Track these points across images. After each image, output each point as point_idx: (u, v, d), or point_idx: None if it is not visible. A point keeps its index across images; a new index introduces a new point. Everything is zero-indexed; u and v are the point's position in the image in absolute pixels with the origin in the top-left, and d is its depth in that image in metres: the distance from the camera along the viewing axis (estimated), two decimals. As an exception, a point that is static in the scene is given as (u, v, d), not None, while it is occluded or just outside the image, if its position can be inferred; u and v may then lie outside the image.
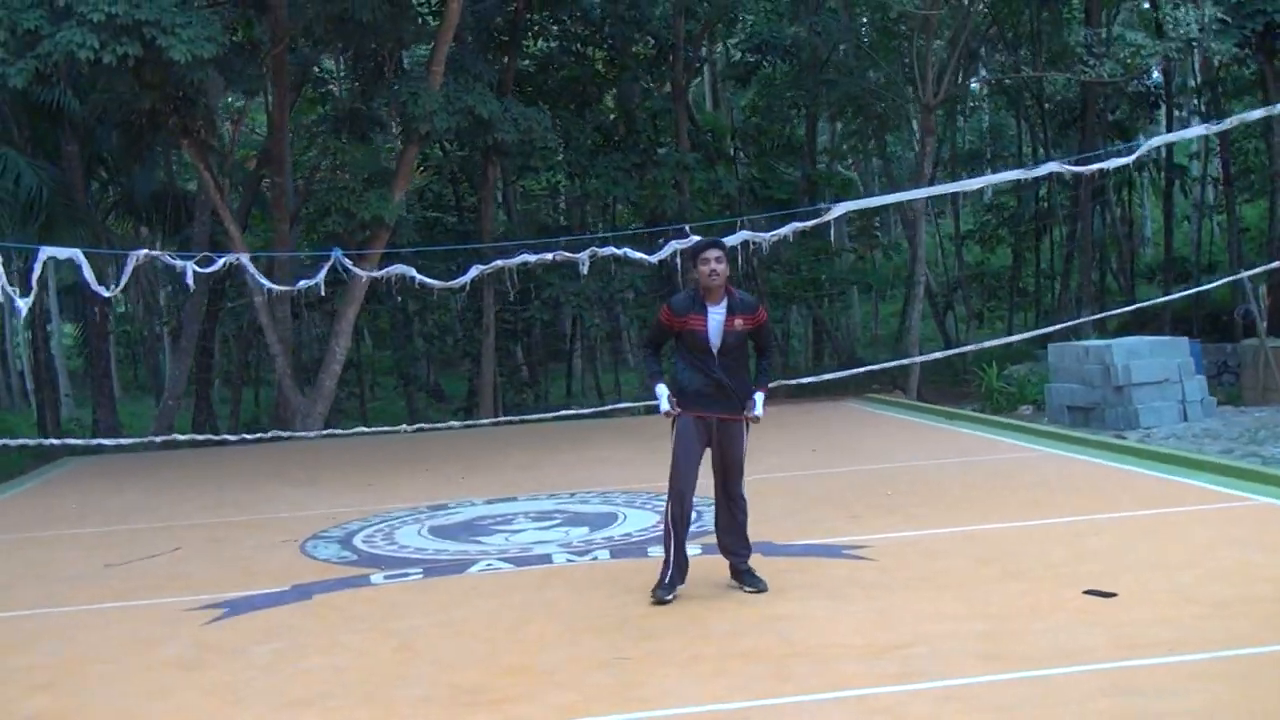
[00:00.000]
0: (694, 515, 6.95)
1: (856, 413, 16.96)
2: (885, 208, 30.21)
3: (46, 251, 10.66)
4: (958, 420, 14.73)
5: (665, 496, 6.65)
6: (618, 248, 8.88)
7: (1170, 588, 6.16)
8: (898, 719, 4.53)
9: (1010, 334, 31.35)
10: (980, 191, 41.17)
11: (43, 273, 12.68)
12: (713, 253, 6.44)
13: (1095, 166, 9.21)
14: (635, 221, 26.30)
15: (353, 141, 18.60)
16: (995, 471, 10.63)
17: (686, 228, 8.62)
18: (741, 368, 6.64)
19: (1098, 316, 21.74)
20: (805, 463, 11.82)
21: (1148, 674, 4.86)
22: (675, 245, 8.59)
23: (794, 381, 17.47)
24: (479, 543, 8.61)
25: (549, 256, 9.34)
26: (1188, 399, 13.94)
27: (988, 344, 24.38)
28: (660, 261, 12.09)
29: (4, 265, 8.76)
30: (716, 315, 6.47)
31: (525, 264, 9.31)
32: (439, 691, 5.17)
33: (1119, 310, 19.52)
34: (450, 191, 26.81)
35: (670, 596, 6.48)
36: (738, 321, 6.48)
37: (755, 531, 8.24)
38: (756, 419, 6.63)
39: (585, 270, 9.62)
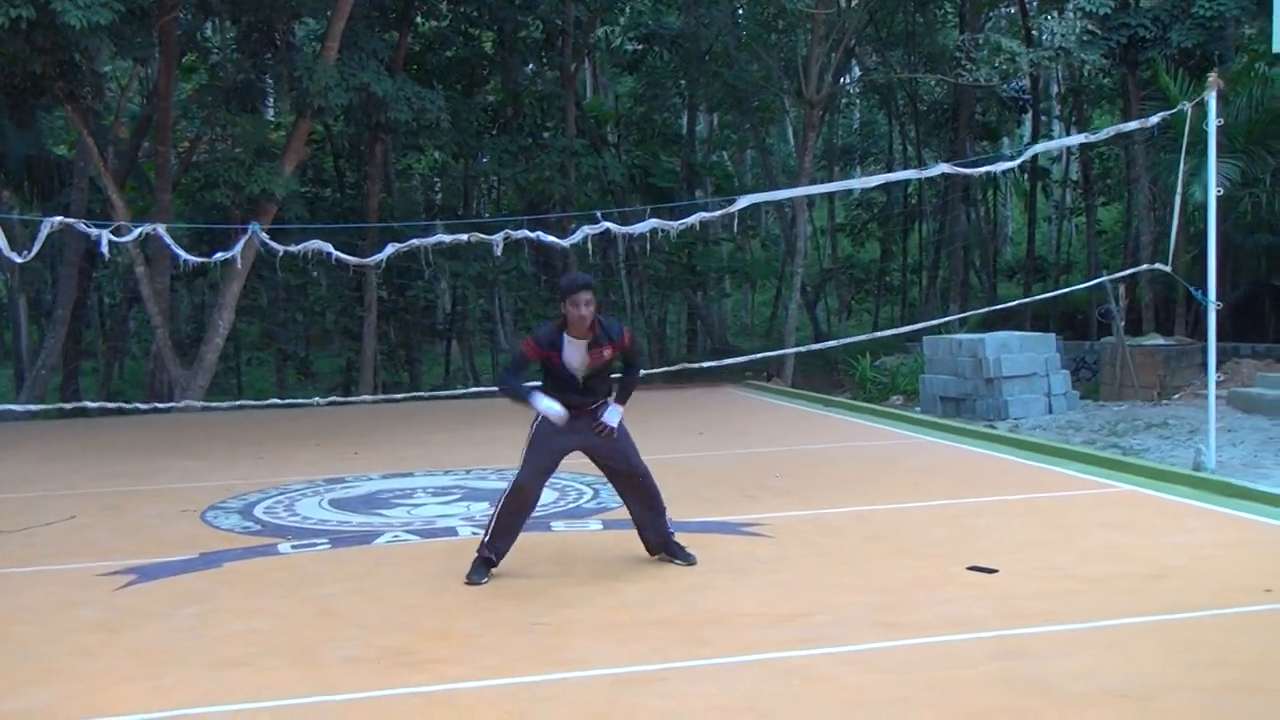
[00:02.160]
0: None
1: (736, 398, 17.40)
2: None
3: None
4: (835, 407, 15.26)
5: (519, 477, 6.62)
6: (530, 230, 9.05)
7: (1047, 565, 6.63)
8: (805, 680, 4.86)
9: (876, 326, 32.51)
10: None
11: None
12: (584, 295, 6.36)
13: (984, 169, 9.71)
14: (519, 205, 26.45)
15: (241, 114, 18.38)
16: (878, 456, 11.12)
17: (598, 214, 8.83)
18: (606, 387, 6.74)
19: (964, 315, 22.62)
20: (693, 445, 12.18)
21: (1030, 641, 5.28)
22: (586, 230, 8.80)
23: (673, 368, 17.87)
24: (382, 515, 8.76)
25: (463, 237, 9.47)
26: (1053, 392, 14.68)
27: (862, 338, 25.12)
28: (556, 247, 12.18)
29: None
30: (579, 348, 6.47)
31: (441, 243, 9.43)
32: (366, 652, 5.35)
33: (984, 309, 20.34)
34: (332, 166, 26.62)
35: (484, 580, 6.57)
36: (605, 351, 6.51)
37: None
38: (607, 429, 6.63)
39: (499, 251, 9.76)
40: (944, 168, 9.25)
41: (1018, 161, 10.13)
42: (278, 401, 16.46)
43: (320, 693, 4.83)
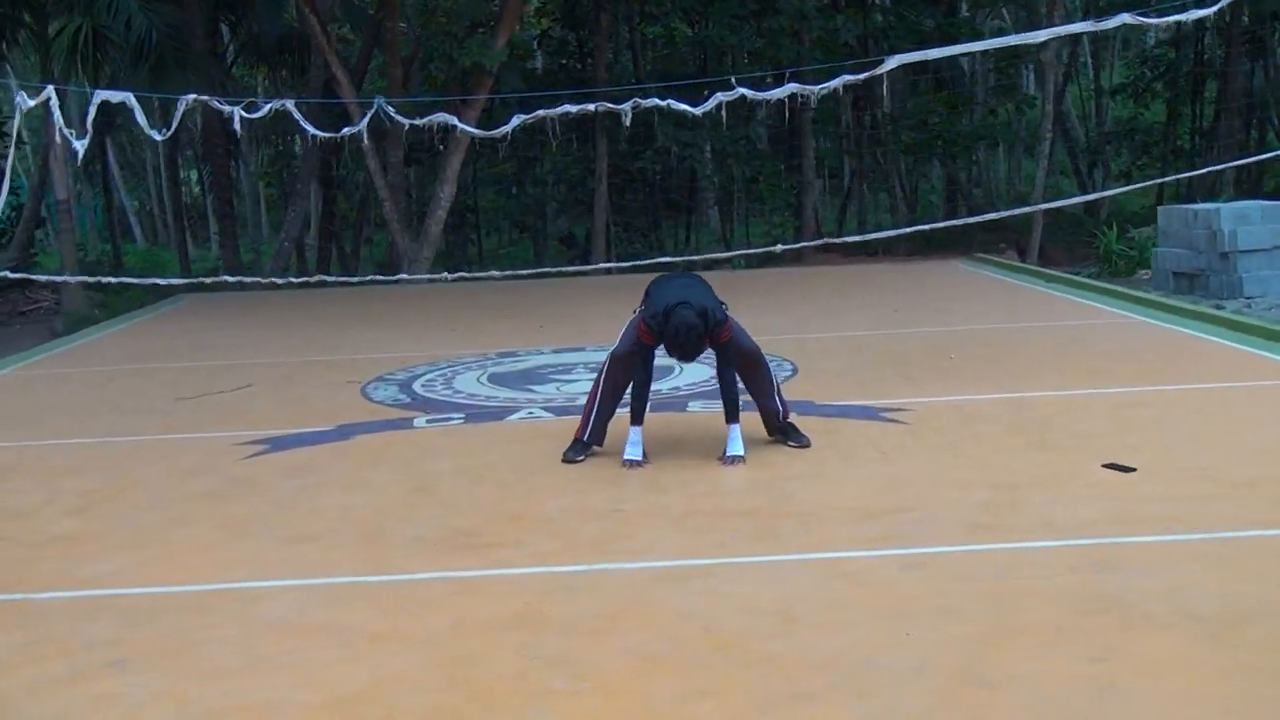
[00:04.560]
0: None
1: (958, 273, 16.62)
2: (1022, 59, 29.11)
3: (100, 94, 10.89)
4: (1056, 283, 14.33)
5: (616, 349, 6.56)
6: (661, 99, 8.66)
7: (1195, 465, 6.00)
8: (856, 584, 4.55)
9: (1161, 195, 30.17)
10: (1135, 42, 39.49)
11: (169, 118, 13.09)
12: (684, 350, 6.20)
13: (1173, 18, 8.56)
14: (757, 70, 25.75)
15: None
16: (1075, 337, 10.36)
17: (732, 79, 8.30)
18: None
19: (1227, 165, 20.48)
20: (881, 322, 11.67)
21: (1128, 551, 4.78)
22: (720, 97, 8.28)
23: (908, 230, 17.18)
24: (530, 390, 8.78)
25: (590, 107, 9.19)
26: (1300, 267, 13.32)
27: (1107, 193, 23.56)
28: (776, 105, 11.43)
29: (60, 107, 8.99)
30: None
31: (567, 113, 9.22)
32: (434, 533, 5.35)
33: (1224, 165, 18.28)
34: (573, 38, 26.54)
35: (581, 457, 6.51)
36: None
37: (802, 389, 8.35)
38: (735, 459, 6.34)
39: (628, 121, 9.43)
40: (1124, 17, 8.26)
41: (1215, 7, 8.85)
42: (496, 274, 16.65)
43: (367, 573, 4.86)
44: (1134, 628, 4.01)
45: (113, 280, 15.42)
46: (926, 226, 16.31)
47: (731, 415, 6.42)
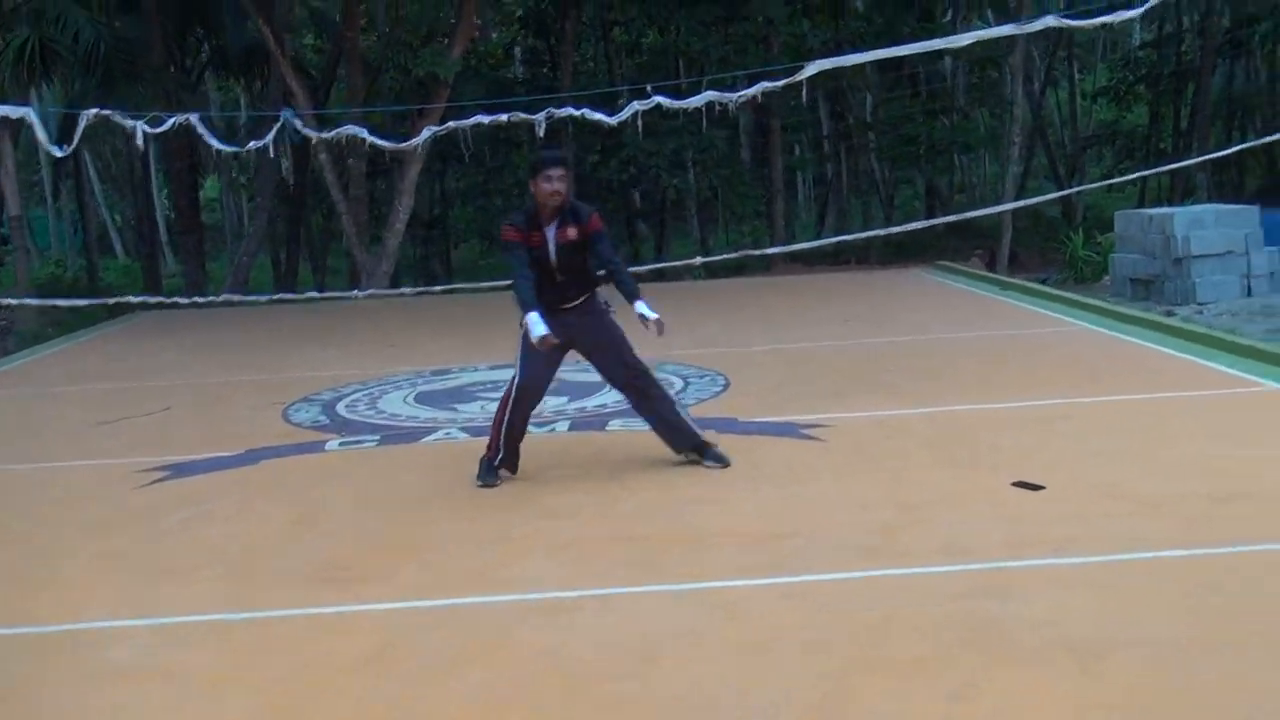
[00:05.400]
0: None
1: (919, 281, 16.43)
2: (1002, 63, 28.96)
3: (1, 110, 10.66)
4: (1012, 290, 14.15)
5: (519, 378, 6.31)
6: (576, 108, 8.44)
7: (1106, 482, 5.81)
8: (729, 616, 4.36)
9: (1143, 198, 29.96)
10: (1118, 44, 39.36)
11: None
12: (556, 170, 6.02)
13: (1099, 20, 8.28)
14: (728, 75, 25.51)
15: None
16: (1014, 347, 10.19)
17: (648, 88, 8.07)
18: (586, 283, 6.31)
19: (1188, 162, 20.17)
20: (829, 334, 11.49)
21: (1019, 576, 4.59)
22: (636, 106, 8.06)
23: (862, 235, 16.96)
24: (454, 410, 8.57)
25: (503, 117, 8.97)
26: (1253, 273, 13.11)
27: (1064, 193, 23.51)
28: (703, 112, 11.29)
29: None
30: (550, 232, 6.13)
31: (479, 124, 9.01)
32: (306, 565, 5.16)
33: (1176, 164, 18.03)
34: (545, 46, 26.30)
35: (495, 481, 6.31)
36: (570, 231, 6.12)
37: (728, 405, 8.17)
38: (654, 321, 6.08)
39: (541, 132, 9.24)
40: (1048, 20, 8.07)
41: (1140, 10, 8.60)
42: (460, 285, 16.42)
43: (226, 609, 4.66)
44: (1001, 661, 3.82)
45: (61, 303, 15.19)
46: (883, 232, 16.14)
47: (633, 295, 6.15)
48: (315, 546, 5.45)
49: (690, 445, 6.53)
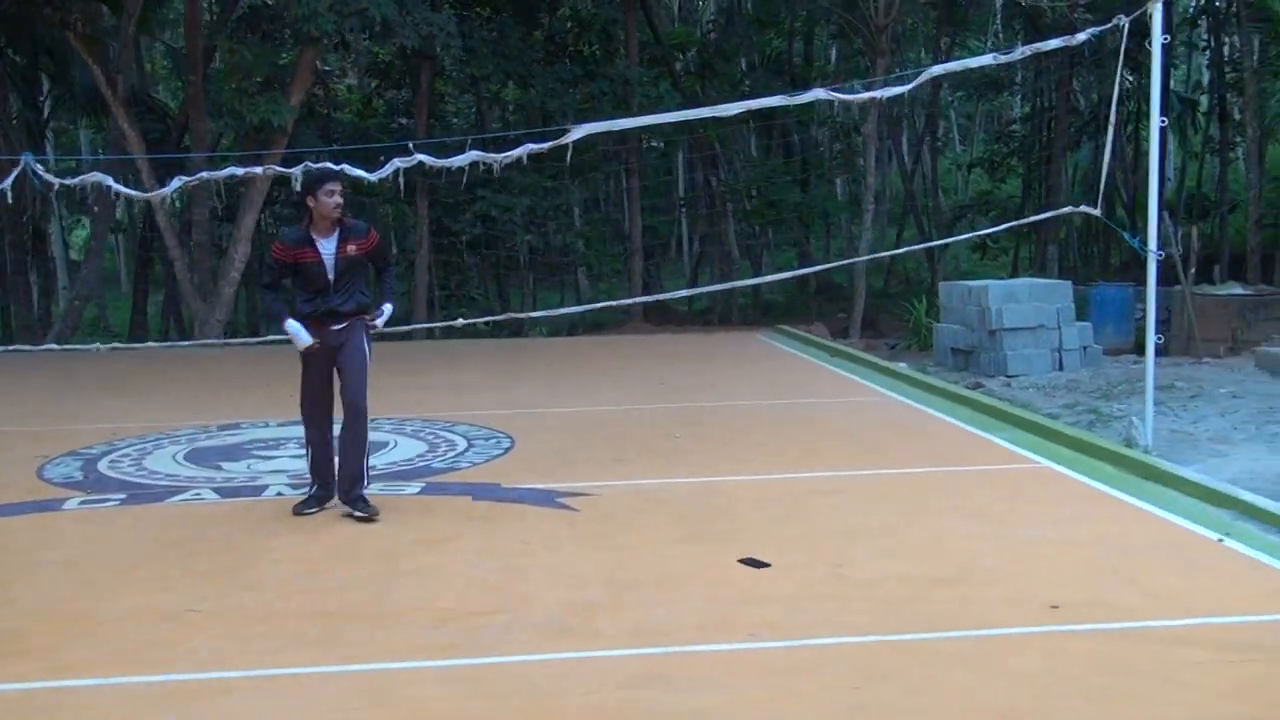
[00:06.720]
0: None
1: (752, 345, 16.44)
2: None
3: None
4: (840, 358, 14.19)
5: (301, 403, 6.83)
6: (335, 163, 8.18)
7: (833, 561, 5.71)
8: (378, 701, 4.13)
9: (1016, 268, 30.63)
10: (994, 118, 40.44)
11: None
12: (335, 185, 6.40)
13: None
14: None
15: (248, 42, 17.83)
16: (813, 418, 10.12)
17: (410, 144, 7.87)
18: (357, 290, 6.62)
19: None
20: (635, 397, 11.36)
21: (693, 662, 4.44)
22: (397, 163, 7.92)
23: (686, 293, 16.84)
24: (217, 469, 8.23)
25: (289, 170, 8.64)
26: (1064, 347, 13.29)
27: (910, 249, 24.12)
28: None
29: None
30: (329, 246, 6.42)
31: (269, 171, 8.86)
32: (-29, 639, 4.81)
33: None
34: (401, 96, 26.06)
35: (313, 510, 6.70)
36: (350, 248, 6.45)
37: (499, 470, 7.98)
38: (377, 326, 6.72)
39: (297, 186, 8.95)
40: (819, 93, 8.12)
41: (913, 85, 8.68)
42: (278, 338, 15.93)
43: None
44: (636, 758, 3.64)
45: None
46: (710, 289, 16.09)
47: (383, 300, 6.80)
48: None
49: (344, 495, 6.69)
